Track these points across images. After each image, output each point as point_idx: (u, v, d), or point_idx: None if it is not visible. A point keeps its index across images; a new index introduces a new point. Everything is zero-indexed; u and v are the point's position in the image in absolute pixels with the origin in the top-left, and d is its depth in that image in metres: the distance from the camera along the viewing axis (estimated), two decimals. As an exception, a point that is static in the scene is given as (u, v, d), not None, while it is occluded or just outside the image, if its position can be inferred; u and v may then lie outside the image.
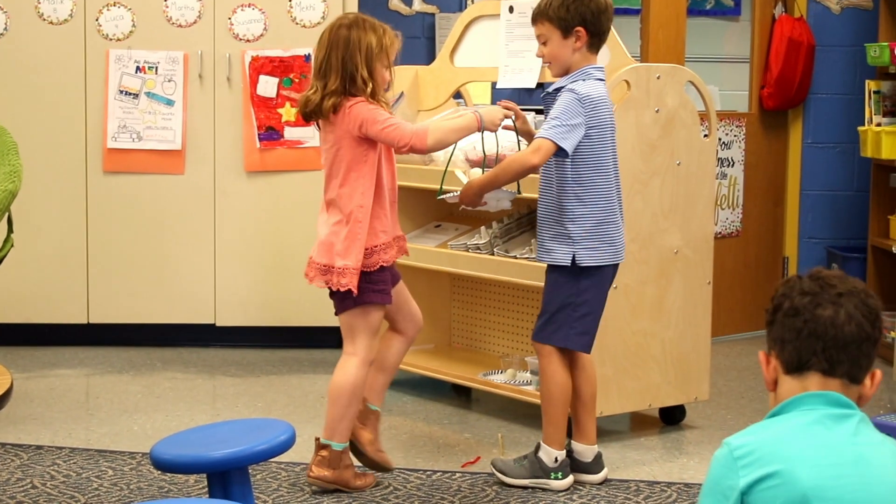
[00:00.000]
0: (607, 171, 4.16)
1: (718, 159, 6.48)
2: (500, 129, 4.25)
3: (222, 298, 6.22)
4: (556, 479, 4.20)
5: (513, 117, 4.23)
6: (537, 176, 4.43)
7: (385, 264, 4.13)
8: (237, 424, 3.62)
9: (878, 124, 6.18)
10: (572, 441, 4.30)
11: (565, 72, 4.18)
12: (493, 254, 5.08)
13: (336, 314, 4.22)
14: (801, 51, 6.71)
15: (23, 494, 4.10)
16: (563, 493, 4.18)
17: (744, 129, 6.75)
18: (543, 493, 4.18)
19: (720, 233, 6.62)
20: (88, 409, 5.23)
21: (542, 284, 4.85)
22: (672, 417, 5.04)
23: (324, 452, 4.12)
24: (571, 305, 4.16)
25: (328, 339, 6.28)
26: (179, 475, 4.23)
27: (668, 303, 4.81)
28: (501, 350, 5.58)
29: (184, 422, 4.99)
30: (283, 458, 3.87)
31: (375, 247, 4.09)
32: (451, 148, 4.71)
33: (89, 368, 5.92)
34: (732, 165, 6.71)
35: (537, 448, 4.24)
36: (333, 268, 4.08)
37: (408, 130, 4.00)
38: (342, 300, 4.13)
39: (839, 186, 6.90)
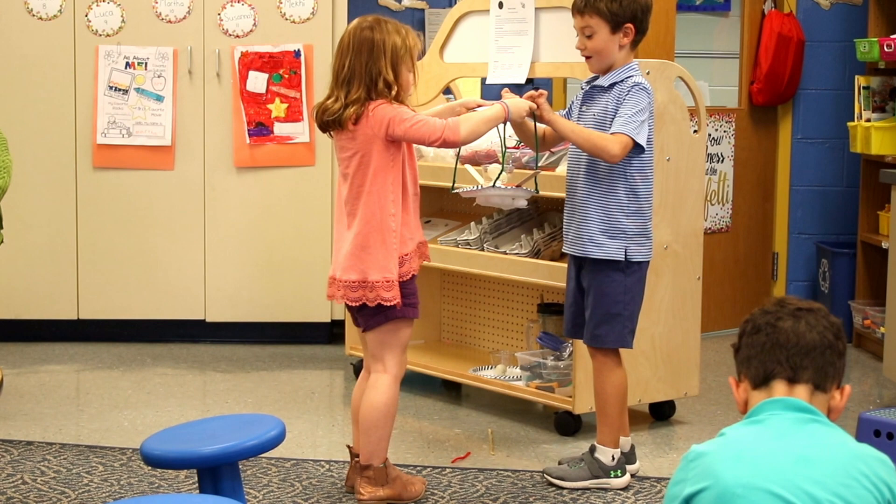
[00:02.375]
0: (653, 168, 4.17)
1: (708, 155, 6.49)
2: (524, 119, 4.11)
3: (212, 294, 6.22)
4: (616, 476, 4.20)
5: (535, 109, 4.10)
6: (559, 174, 4.41)
7: (415, 273, 3.98)
8: (227, 420, 3.63)
9: (868, 120, 6.19)
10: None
11: (607, 68, 4.13)
12: (483, 249, 5.09)
13: (364, 331, 4.02)
14: (791, 46, 6.72)
15: (13, 490, 4.10)
16: (571, 491, 4.19)
17: (733, 124, 6.76)
18: (533, 488, 4.19)
19: (710, 228, 6.63)
20: (79, 405, 5.23)
21: (533, 280, 4.86)
22: (662, 413, 5.05)
23: (369, 473, 3.96)
24: (622, 303, 4.13)
25: (318, 334, 6.28)
26: (170, 471, 4.24)
27: (657, 298, 4.81)
28: (491, 346, 5.59)
29: (174, 417, 4.98)
30: (273, 453, 3.88)
31: (406, 255, 3.93)
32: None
33: (79, 364, 5.92)
34: (722, 161, 6.72)
35: (593, 449, 4.23)
36: (368, 282, 3.87)
37: (438, 124, 3.86)
38: (373, 316, 3.93)
39: (829, 182, 6.91)
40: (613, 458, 4.20)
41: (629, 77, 4.09)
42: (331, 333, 6.32)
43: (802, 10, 6.84)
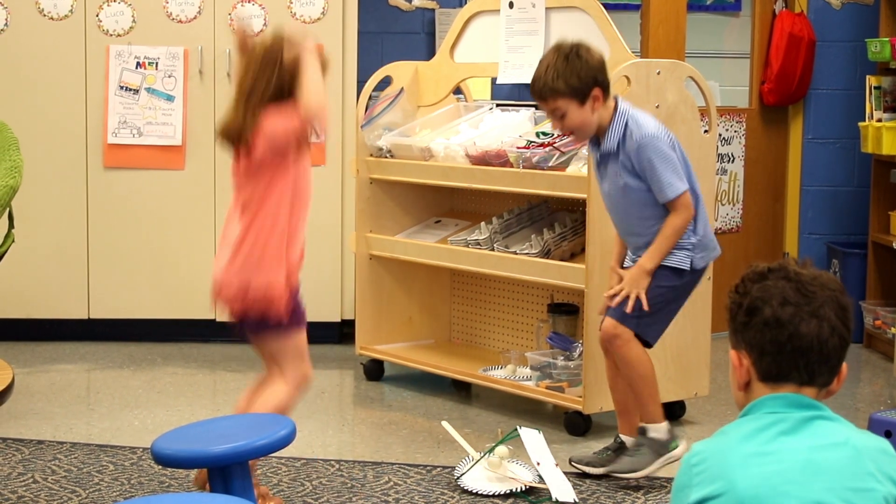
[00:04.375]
0: (692, 173, 4.15)
1: (718, 155, 6.48)
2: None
3: (223, 294, 6.21)
4: (676, 447, 4.19)
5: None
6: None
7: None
8: (238, 419, 3.63)
9: (879, 120, 6.18)
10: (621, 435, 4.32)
11: (594, 132, 4.07)
12: (493, 249, 5.08)
13: (251, 341, 3.90)
14: (802, 46, 6.70)
15: (24, 489, 4.11)
16: (582, 490, 4.19)
17: (744, 124, 6.75)
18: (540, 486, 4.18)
19: (720, 228, 6.62)
20: (89, 404, 5.24)
21: (543, 280, 4.87)
22: (672, 413, 5.03)
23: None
24: (665, 301, 4.15)
25: (328, 334, 6.28)
26: (180, 470, 4.24)
27: (668, 298, 4.80)
28: (501, 345, 5.58)
29: (184, 417, 4.99)
30: (283, 452, 3.88)
31: (294, 264, 3.80)
32: (442, 143, 4.64)
33: (90, 363, 5.93)
34: (733, 161, 6.71)
35: (643, 430, 4.21)
36: (259, 291, 3.73)
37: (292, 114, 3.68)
38: (259, 326, 3.80)
39: (839, 182, 6.89)
40: (667, 430, 4.19)
41: (626, 129, 4.03)
42: (341, 333, 6.32)
43: (813, 9, 6.83)
